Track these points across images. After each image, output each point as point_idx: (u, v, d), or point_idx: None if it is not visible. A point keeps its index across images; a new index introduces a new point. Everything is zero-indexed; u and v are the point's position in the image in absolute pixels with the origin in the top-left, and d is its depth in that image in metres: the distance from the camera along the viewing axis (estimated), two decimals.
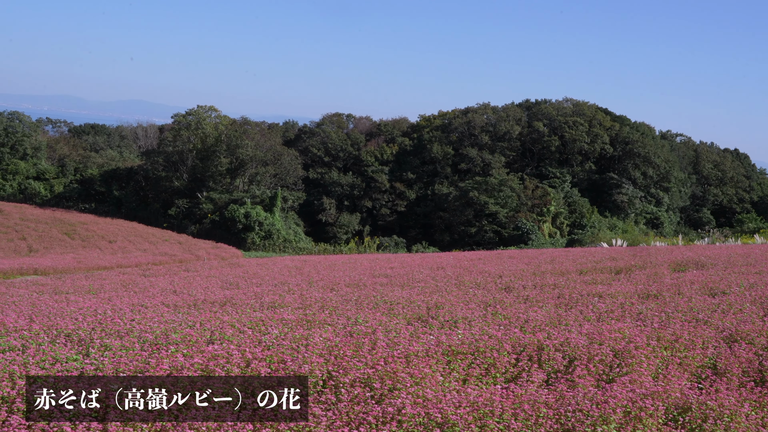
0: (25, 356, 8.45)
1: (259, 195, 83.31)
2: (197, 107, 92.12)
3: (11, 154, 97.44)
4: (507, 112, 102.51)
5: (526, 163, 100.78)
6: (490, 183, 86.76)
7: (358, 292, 18.62)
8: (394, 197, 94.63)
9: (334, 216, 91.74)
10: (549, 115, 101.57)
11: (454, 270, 26.88)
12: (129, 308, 15.74)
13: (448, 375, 8.96)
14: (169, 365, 7.97)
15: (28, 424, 6.61)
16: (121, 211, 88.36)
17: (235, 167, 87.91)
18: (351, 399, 7.56)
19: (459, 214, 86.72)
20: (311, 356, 8.67)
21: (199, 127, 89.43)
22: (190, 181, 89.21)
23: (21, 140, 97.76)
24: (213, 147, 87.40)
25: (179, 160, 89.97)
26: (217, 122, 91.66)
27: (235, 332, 10.91)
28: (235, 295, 18.99)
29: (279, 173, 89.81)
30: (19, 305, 17.63)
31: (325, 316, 13.37)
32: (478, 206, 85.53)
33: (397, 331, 11.27)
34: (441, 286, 20.10)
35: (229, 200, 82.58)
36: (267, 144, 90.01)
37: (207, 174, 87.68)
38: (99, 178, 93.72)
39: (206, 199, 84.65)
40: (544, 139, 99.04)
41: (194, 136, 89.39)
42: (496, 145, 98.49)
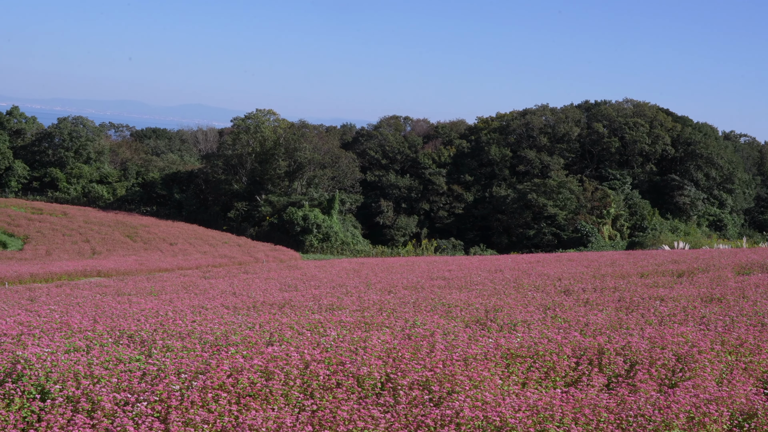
0: (90, 357, 8.60)
1: (317, 198, 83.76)
2: (256, 111, 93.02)
3: (75, 158, 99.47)
4: (566, 113, 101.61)
5: (585, 164, 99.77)
6: (548, 185, 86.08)
7: (416, 295, 18.59)
8: (451, 199, 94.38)
9: (392, 218, 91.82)
10: (609, 116, 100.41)
11: (512, 273, 26.70)
12: (190, 310, 15.93)
13: (507, 378, 8.89)
14: (230, 366, 8.03)
15: (93, 423, 6.71)
16: (181, 214, 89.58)
17: (293, 170, 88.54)
18: (409, 401, 7.54)
19: (517, 217, 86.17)
20: (369, 358, 8.67)
21: (258, 131, 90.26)
22: (249, 184, 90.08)
23: (85, 144, 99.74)
24: (272, 150, 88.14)
25: (238, 164, 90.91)
26: (276, 126, 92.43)
27: (293, 334, 10.97)
28: (294, 297, 19.10)
29: (337, 176, 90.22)
30: (83, 306, 17.97)
31: (383, 318, 13.37)
32: (536, 208, 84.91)
33: (455, 333, 11.22)
34: (499, 288, 19.97)
35: (287, 203, 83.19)
36: (325, 147, 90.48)
37: (266, 177, 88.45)
38: (160, 182, 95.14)
39: (265, 202, 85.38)
40: (604, 140, 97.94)
41: (253, 140, 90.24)
42: (555, 147, 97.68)
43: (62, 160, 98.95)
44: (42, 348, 8.89)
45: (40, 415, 6.96)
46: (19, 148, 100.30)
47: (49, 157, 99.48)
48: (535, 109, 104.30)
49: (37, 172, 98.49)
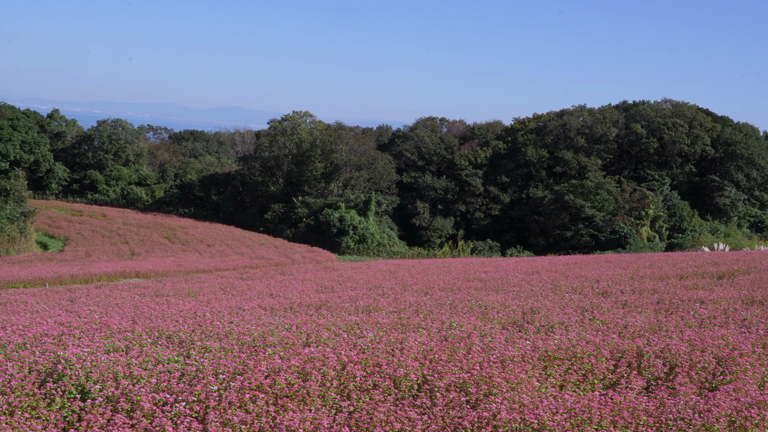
0: (129, 357, 8.68)
1: (354, 199, 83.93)
2: (293, 113, 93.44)
3: (114, 161, 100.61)
4: (603, 113, 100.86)
5: (623, 165, 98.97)
6: (586, 186, 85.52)
7: (453, 296, 18.56)
8: (488, 201, 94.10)
9: (428, 220, 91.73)
10: (647, 117, 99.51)
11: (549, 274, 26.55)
12: (227, 311, 16.02)
13: (544, 380, 8.84)
14: (267, 367, 8.07)
15: (132, 423, 6.77)
16: (219, 216, 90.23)
17: (329, 172, 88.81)
18: (446, 403, 7.52)
19: (554, 218, 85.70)
20: (406, 360, 8.67)
21: (295, 133, 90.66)
22: (285, 186, 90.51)
23: (124, 147, 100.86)
24: (308, 152, 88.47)
25: (275, 165, 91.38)
26: (312, 127, 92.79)
27: (330, 335, 10.99)
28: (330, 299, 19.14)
29: (373, 177, 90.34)
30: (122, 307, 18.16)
31: (419, 320, 13.35)
32: (573, 210, 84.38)
33: (492, 335, 11.18)
34: (536, 290, 19.87)
35: (323, 204, 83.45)
36: (361, 148, 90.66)
37: (302, 179, 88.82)
38: (198, 183, 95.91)
39: (301, 204, 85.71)
40: (642, 141, 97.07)
41: (290, 142, 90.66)
42: (593, 148, 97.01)
43: (101, 162, 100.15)
44: (82, 348, 8.99)
45: (81, 415, 7.04)
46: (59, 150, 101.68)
47: (88, 159, 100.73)
48: (573, 109, 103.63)
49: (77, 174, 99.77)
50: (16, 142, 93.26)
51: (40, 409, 7.13)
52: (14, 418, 6.80)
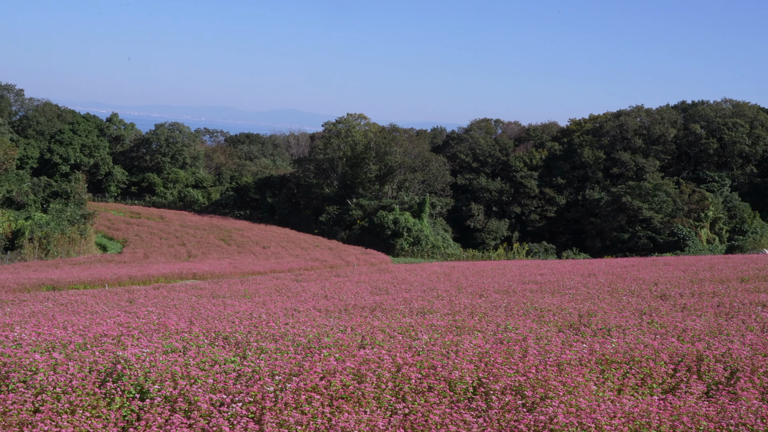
0: (186, 358, 8.77)
1: (408, 201, 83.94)
2: (347, 115, 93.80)
3: (172, 164, 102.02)
4: (661, 114, 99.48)
5: (681, 166, 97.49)
6: (643, 188, 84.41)
7: (508, 299, 18.45)
8: (543, 203, 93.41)
9: (483, 222, 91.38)
10: (707, 117, 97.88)
11: (606, 277, 26.24)
12: (282, 312, 16.12)
13: (601, 384, 8.73)
14: (322, 369, 8.09)
15: (189, 423, 6.84)
16: (274, 218, 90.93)
17: (383, 174, 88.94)
18: (502, 406, 7.47)
19: (611, 220, 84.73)
20: (461, 362, 8.63)
21: (349, 135, 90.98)
22: (340, 188, 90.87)
23: (181, 150, 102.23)
24: (362, 154, 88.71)
25: (329, 168, 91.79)
26: (367, 130, 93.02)
27: (385, 337, 10.99)
28: (385, 301, 19.14)
29: (427, 179, 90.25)
30: (179, 308, 18.37)
31: (474, 322, 13.29)
32: (631, 211, 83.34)
33: (548, 338, 11.08)
34: (593, 293, 19.65)
35: (377, 206, 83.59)
36: (415, 150, 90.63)
37: (356, 181, 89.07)
38: (253, 186, 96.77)
39: (356, 206, 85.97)
40: (702, 141, 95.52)
41: (344, 144, 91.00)
42: (650, 149, 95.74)
43: (159, 165, 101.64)
44: (141, 349, 9.11)
45: (140, 414, 7.13)
46: (118, 154, 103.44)
47: (146, 162, 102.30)
48: (630, 110, 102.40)
49: (135, 177, 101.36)
50: (76, 146, 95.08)
51: (101, 409, 7.23)
52: (75, 417, 6.91)
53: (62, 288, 33.24)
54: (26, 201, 69.12)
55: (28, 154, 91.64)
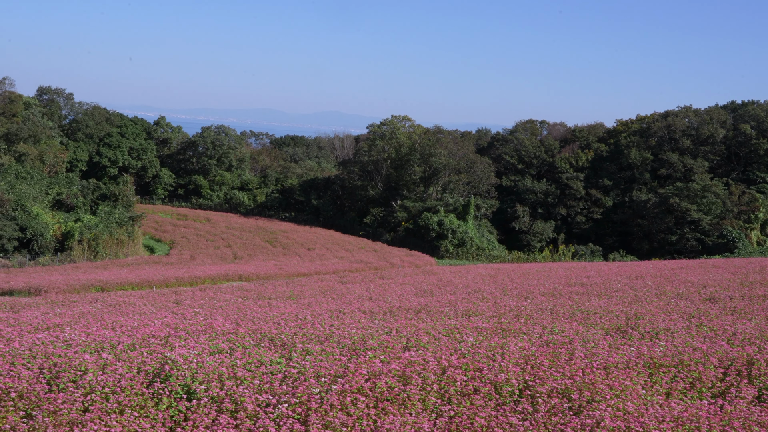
0: (233, 359, 8.83)
1: (452, 203, 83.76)
2: (391, 117, 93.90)
3: (218, 166, 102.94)
4: (710, 114, 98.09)
5: (731, 167, 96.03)
6: (692, 189, 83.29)
7: (554, 301, 18.32)
8: (589, 204, 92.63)
9: (528, 224, 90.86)
10: (757, 117, 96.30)
11: (653, 279, 25.94)
12: (328, 314, 16.16)
13: (649, 388, 8.62)
14: (368, 370, 8.10)
15: (236, 423, 6.89)
16: (319, 220, 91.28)
17: (428, 176, 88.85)
18: (548, 410, 7.41)
19: (658, 222, 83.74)
20: (507, 365, 8.58)
21: (394, 137, 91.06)
22: (384, 190, 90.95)
23: (227, 153, 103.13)
24: (407, 156, 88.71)
25: (374, 170, 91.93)
26: (411, 131, 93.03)
27: (430, 339, 10.97)
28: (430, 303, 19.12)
29: (472, 181, 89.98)
30: (225, 310, 18.52)
31: (520, 324, 13.21)
32: (679, 213, 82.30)
33: (594, 341, 10.97)
34: (640, 295, 19.43)
35: (422, 208, 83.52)
36: (460, 152, 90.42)
37: (401, 183, 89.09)
38: (298, 188, 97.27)
39: (400, 208, 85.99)
40: (752, 142, 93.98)
41: (389, 146, 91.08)
42: (699, 150, 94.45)
43: (205, 167, 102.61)
44: (188, 349, 9.19)
45: (187, 415, 7.19)
46: (165, 156, 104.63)
47: (193, 165, 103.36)
48: (677, 110, 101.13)
49: (182, 179, 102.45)
50: (124, 149, 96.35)
51: (148, 409, 7.31)
52: (124, 417, 7.00)
53: (111, 289, 33.69)
54: (76, 203, 70.18)
55: (78, 157, 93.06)
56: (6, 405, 7.04)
